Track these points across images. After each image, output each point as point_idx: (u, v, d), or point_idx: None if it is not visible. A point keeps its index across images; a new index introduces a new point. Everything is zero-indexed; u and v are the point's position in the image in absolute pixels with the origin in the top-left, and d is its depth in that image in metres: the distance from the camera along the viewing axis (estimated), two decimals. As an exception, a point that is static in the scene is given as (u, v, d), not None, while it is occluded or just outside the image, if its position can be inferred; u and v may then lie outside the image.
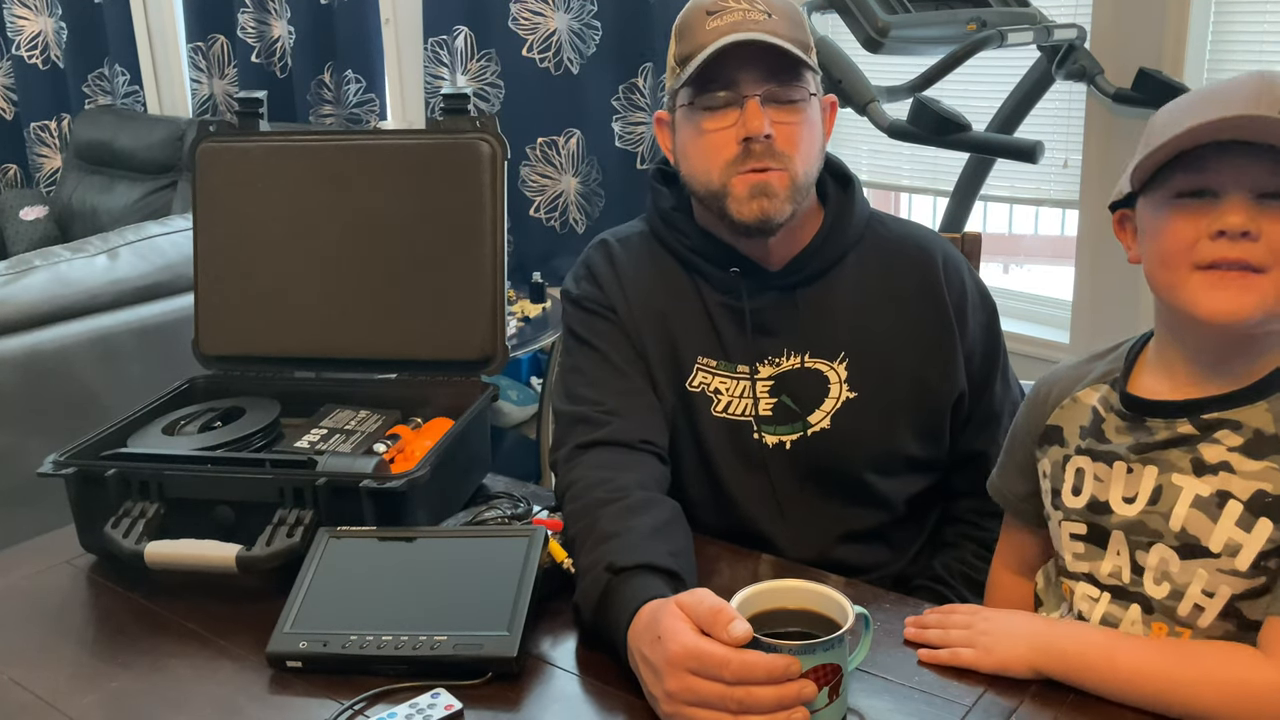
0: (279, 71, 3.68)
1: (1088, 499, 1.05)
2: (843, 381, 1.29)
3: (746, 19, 1.21)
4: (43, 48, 4.20)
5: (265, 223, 1.49)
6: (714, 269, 1.30)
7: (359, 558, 1.14)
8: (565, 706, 0.99)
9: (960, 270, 1.35)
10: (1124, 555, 1.03)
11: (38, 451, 1.27)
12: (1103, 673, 0.96)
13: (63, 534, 1.31)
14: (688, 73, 1.21)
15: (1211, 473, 0.98)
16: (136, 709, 1.01)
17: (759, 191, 1.21)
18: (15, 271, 2.25)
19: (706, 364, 1.30)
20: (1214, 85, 0.98)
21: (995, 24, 2.11)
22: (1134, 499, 1.02)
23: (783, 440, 1.29)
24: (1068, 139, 2.58)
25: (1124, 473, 1.03)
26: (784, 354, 1.29)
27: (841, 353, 1.29)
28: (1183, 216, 0.95)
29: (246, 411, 1.41)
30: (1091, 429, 1.07)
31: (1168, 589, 0.99)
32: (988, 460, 1.34)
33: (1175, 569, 0.99)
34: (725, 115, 1.22)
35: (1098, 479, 1.05)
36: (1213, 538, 0.97)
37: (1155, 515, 1.00)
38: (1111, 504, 1.03)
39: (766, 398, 1.29)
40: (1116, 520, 1.03)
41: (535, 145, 3.16)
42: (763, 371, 1.29)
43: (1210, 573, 0.97)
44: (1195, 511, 0.98)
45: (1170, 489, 1.00)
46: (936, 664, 1.01)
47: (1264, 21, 2.33)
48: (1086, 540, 1.06)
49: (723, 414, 1.29)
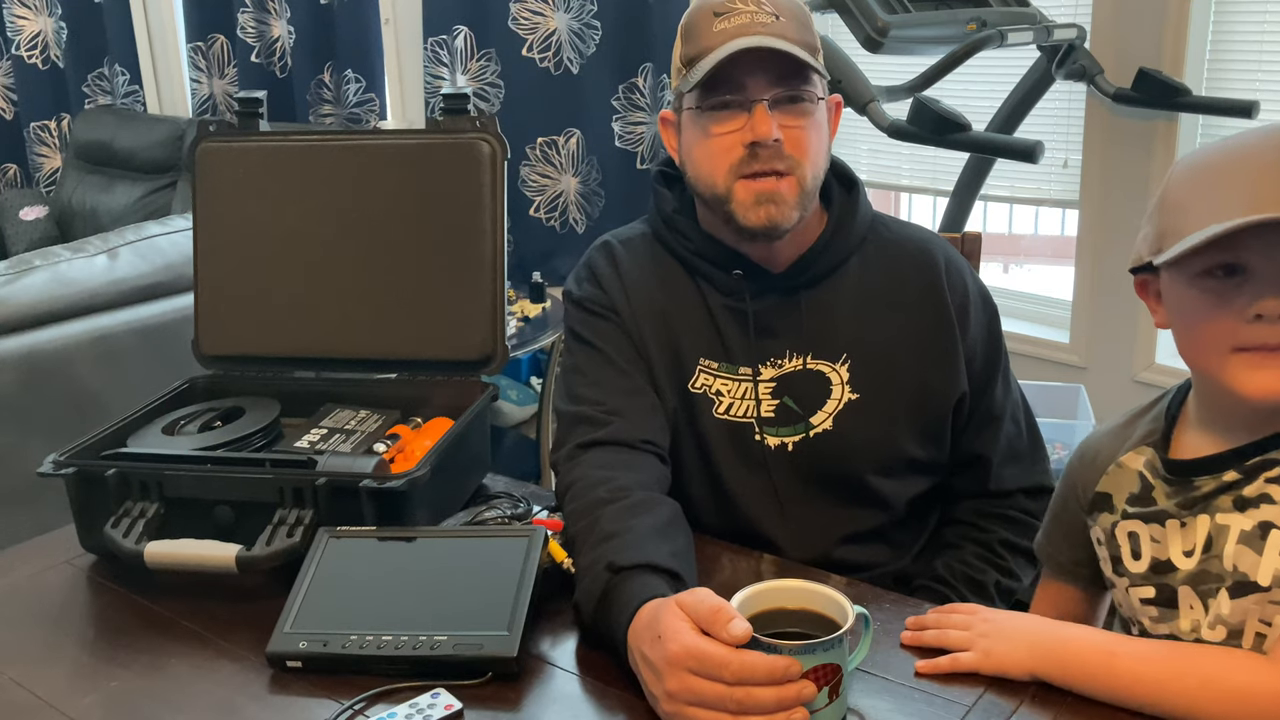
0: (279, 71, 3.68)
1: (1149, 562, 1.03)
2: (845, 383, 1.29)
3: (754, 21, 1.20)
4: (42, 48, 4.20)
5: (265, 223, 1.49)
6: (717, 271, 1.30)
7: (359, 558, 1.14)
8: (565, 706, 0.99)
9: (962, 272, 1.35)
10: (1198, 609, 0.99)
11: (38, 451, 1.27)
12: (1102, 677, 0.95)
13: (63, 534, 1.31)
14: (695, 76, 1.21)
15: (1254, 506, 0.96)
16: (136, 709, 1.01)
17: (766, 199, 1.21)
18: (15, 271, 2.25)
19: (708, 366, 1.30)
20: (1241, 148, 0.94)
21: (995, 24, 2.11)
22: (1192, 552, 1.00)
23: (785, 442, 1.29)
24: (1068, 139, 2.58)
25: (1178, 528, 1.01)
26: (786, 355, 1.29)
27: (844, 354, 1.29)
28: (1215, 298, 0.93)
29: (246, 411, 1.41)
30: (1141, 495, 1.05)
31: (1224, 633, 0.97)
32: (988, 461, 1.34)
33: (1226, 610, 0.96)
34: (732, 118, 1.22)
35: (1154, 540, 1.03)
36: (1260, 571, 0.95)
37: (1213, 560, 0.98)
38: (1174, 561, 1.01)
39: (769, 399, 1.29)
40: (1181, 576, 1.00)
41: (535, 145, 3.16)
42: (765, 373, 1.29)
43: (1262, 606, 0.95)
44: (1242, 547, 0.96)
45: (1219, 532, 0.98)
46: (937, 673, 1.00)
47: (1264, 21, 2.33)
48: (1158, 604, 1.03)
49: (724, 415, 1.29)
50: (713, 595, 0.94)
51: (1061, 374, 2.62)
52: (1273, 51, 2.33)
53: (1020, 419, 1.39)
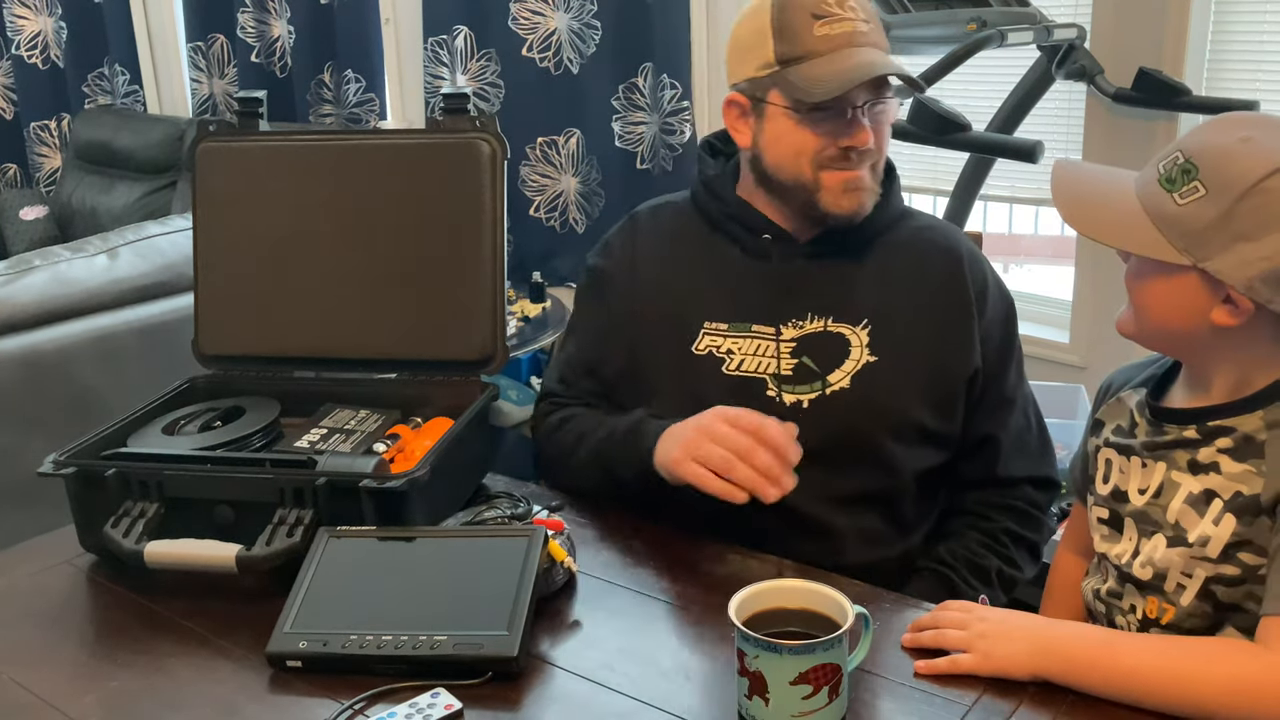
0: (279, 71, 3.68)
1: (1111, 488, 1.15)
2: (864, 345, 1.33)
3: (855, 30, 1.27)
4: (43, 47, 4.20)
5: (265, 223, 1.49)
6: (746, 234, 1.37)
7: (359, 558, 1.14)
8: (565, 706, 0.99)
9: (982, 266, 1.41)
10: (1135, 541, 1.11)
11: (38, 451, 1.27)
12: (1104, 670, 0.96)
13: (63, 534, 1.30)
14: (805, 86, 1.25)
15: (1204, 472, 1.06)
16: (136, 709, 1.01)
17: (853, 186, 1.30)
18: (15, 271, 2.24)
19: (716, 328, 1.36)
20: None
21: (995, 24, 2.11)
22: (1145, 491, 1.11)
23: (800, 399, 1.32)
24: (1068, 139, 2.58)
25: (1139, 467, 1.12)
26: (808, 317, 1.34)
27: (865, 319, 1.34)
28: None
29: (246, 411, 1.41)
30: (1127, 429, 1.15)
31: (1151, 572, 1.08)
32: (997, 444, 1.38)
33: (1158, 555, 1.08)
34: (827, 120, 1.28)
35: (1120, 471, 1.14)
36: (1193, 533, 1.05)
37: (1158, 508, 1.09)
38: (1129, 493, 1.12)
39: (787, 358, 1.33)
40: (1130, 509, 1.12)
41: (535, 145, 3.16)
42: (786, 333, 1.33)
43: (1185, 559, 1.05)
44: (1186, 507, 1.06)
45: (1170, 485, 1.08)
46: (936, 674, 1.00)
47: (1264, 21, 2.33)
48: (1109, 524, 1.15)
49: (736, 371, 1.33)
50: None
51: (1061, 374, 2.62)
52: (1273, 51, 2.33)
53: (1031, 415, 1.43)
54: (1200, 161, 1.00)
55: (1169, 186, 1.02)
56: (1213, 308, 1.02)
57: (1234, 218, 0.98)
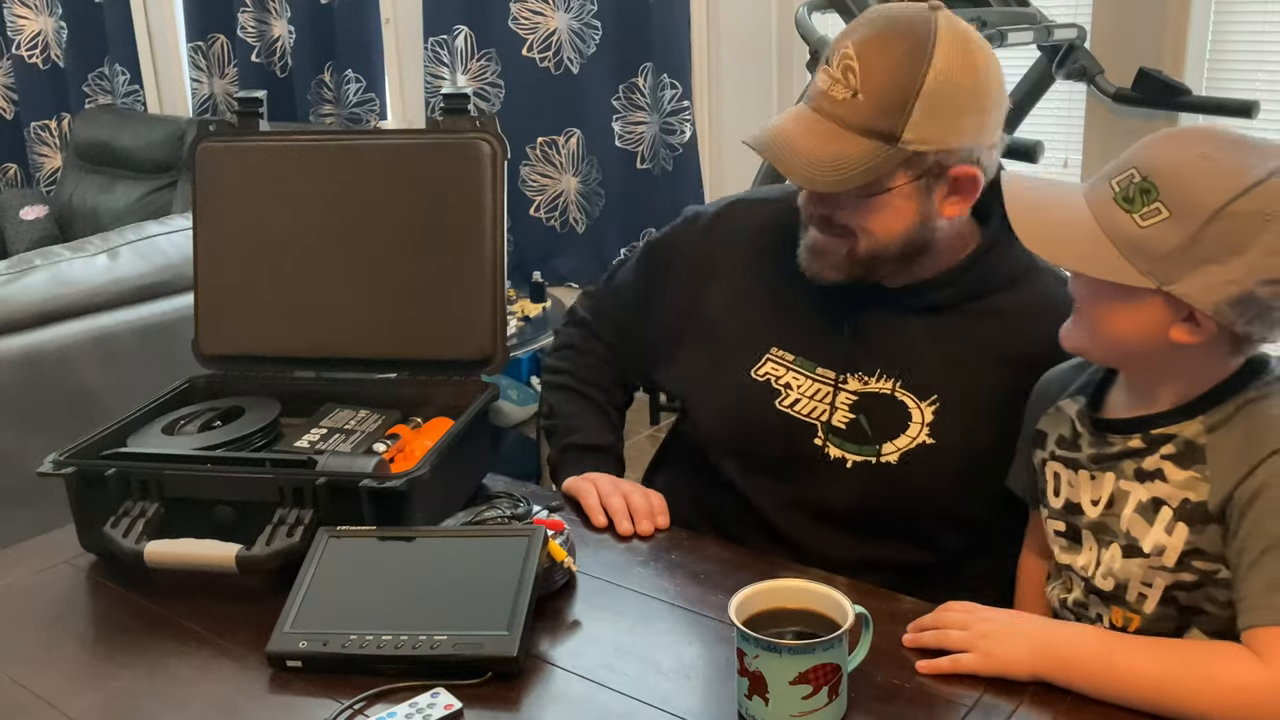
0: (279, 71, 3.69)
1: (1064, 501, 1.13)
2: (925, 424, 1.23)
3: (827, 92, 1.14)
4: (43, 47, 4.20)
5: (265, 223, 1.49)
6: None
7: (359, 557, 1.14)
8: (565, 706, 0.99)
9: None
10: (1095, 551, 1.09)
11: (38, 451, 1.27)
12: (1102, 675, 0.96)
13: (63, 534, 1.30)
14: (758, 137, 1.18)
15: (1150, 480, 1.04)
16: (136, 709, 1.01)
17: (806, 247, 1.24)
18: (15, 271, 2.24)
19: (781, 356, 1.28)
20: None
21: (995, 24, 2.11)
22: (1098, 502, 1.09)
23: (846, 458, 1.24)
24: (1068, 139, 2.58)
25: (1089, 480, 1.10)
26: (876, 374, 1.24)
27: (934, 395, 1.23)
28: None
29: (246, 411, 1.41)
30: (1069, 440, 1.12)
31: (1113, 583, 1.07)
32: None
33: (1117, 566, 1.06)
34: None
35: (1070, 485, 1.12)
36: (1146, 541, 1.04)
37: (1113, 517, 1.07)
38: (1082, 506, 1.10)
39: (844, 410, 1.25)
40: (1086, 520, 1.10)
41: (535, 145, 3.16)
42: (849, 383, 1.25)
43: (1144, 569, 1.04)
44: (1136, 515, 1.05)
45: (1120, 495, 1.07)
46: (937, 673, 1.00)
47: (1264, 21, 2.33)
48: (1067, 537, 1.13)
49: (788, 409, 1.26)
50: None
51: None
52: (1273, 51, 2.33)
53: None
54: (1160, 181, 0.96)
55: (1128, 207, 0.97)
56: (1172, 325, 0.99)
57: (1200, 242, 0.94)
